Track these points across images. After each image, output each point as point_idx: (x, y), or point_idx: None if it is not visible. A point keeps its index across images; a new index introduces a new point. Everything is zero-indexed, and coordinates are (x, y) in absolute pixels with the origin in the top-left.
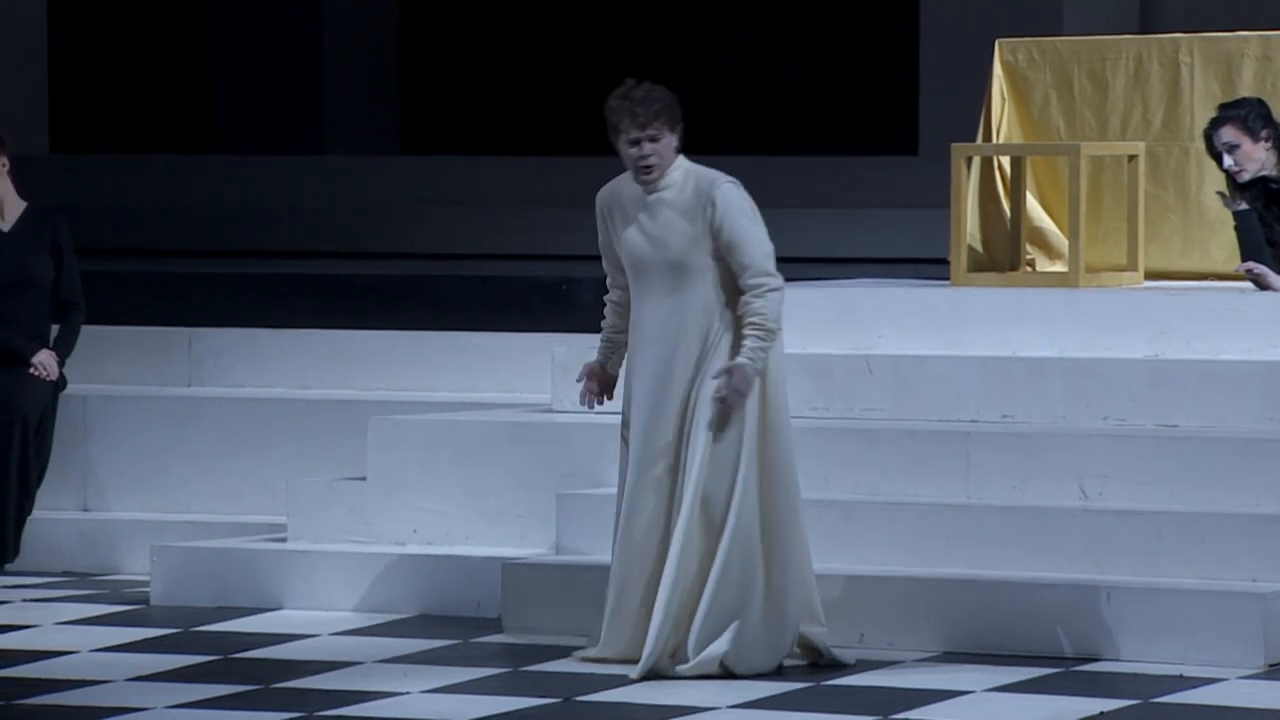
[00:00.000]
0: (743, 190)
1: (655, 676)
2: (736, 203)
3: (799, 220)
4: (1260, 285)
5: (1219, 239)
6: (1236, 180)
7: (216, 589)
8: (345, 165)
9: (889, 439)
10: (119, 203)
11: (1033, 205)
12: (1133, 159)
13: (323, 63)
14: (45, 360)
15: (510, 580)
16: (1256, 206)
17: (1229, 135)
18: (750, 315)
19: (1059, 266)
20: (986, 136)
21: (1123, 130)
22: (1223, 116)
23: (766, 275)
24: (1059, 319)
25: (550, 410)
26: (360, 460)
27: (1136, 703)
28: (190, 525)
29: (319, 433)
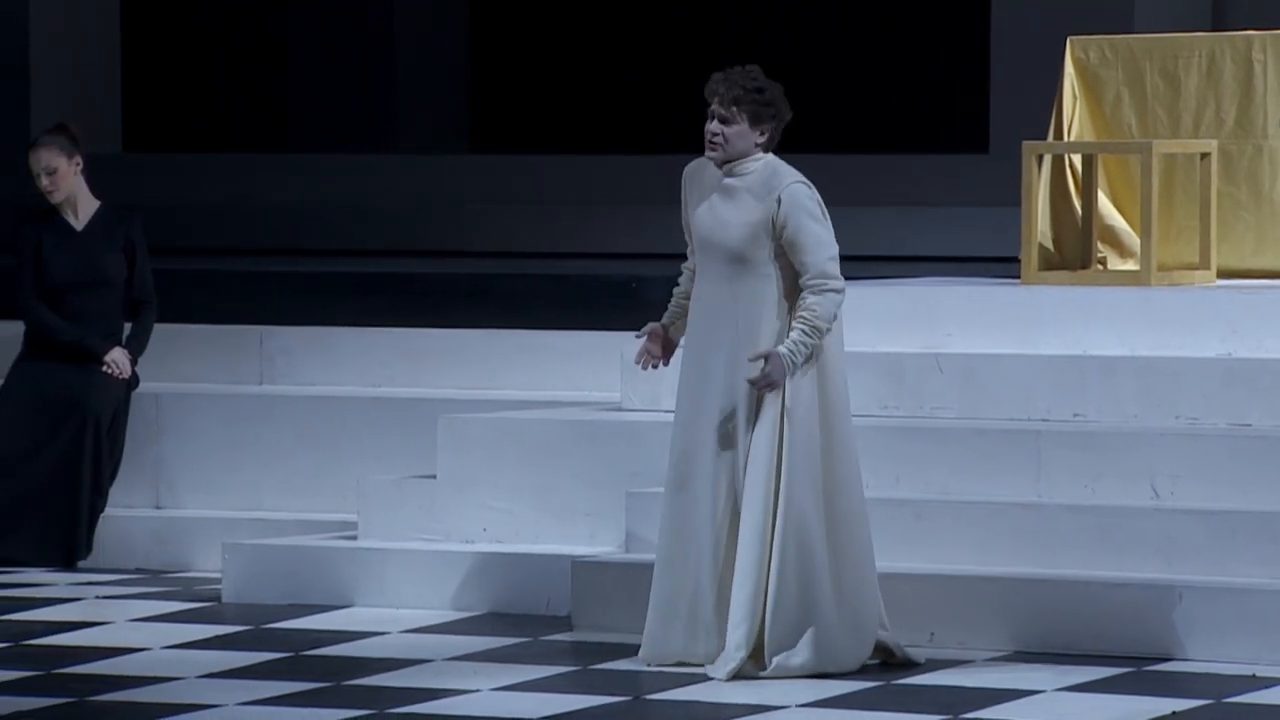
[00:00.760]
0: (813, 191)
1: (739, 677)
2: (803, 202)
3: (870, 218)
4: None
5: None
6: None
7: (287, 586)
8: (416, 164)
9: (960, 438)
10: (191, 202)
11: (1104, 203)
12: (1205, 157)
13: (394, 61)
14: (118, 358)
15: (580, 578)
16: None
17: None
18: (803, 310)
19: (1131, 265)
20: (1058, 135)
21: (1195, 128)
22: None
23: (826, 276)
24: (1131, 318)
25: (619, 409)
26: (430, 458)
27: (1208, 703)
28: (261, 523)
29: (389, 431)
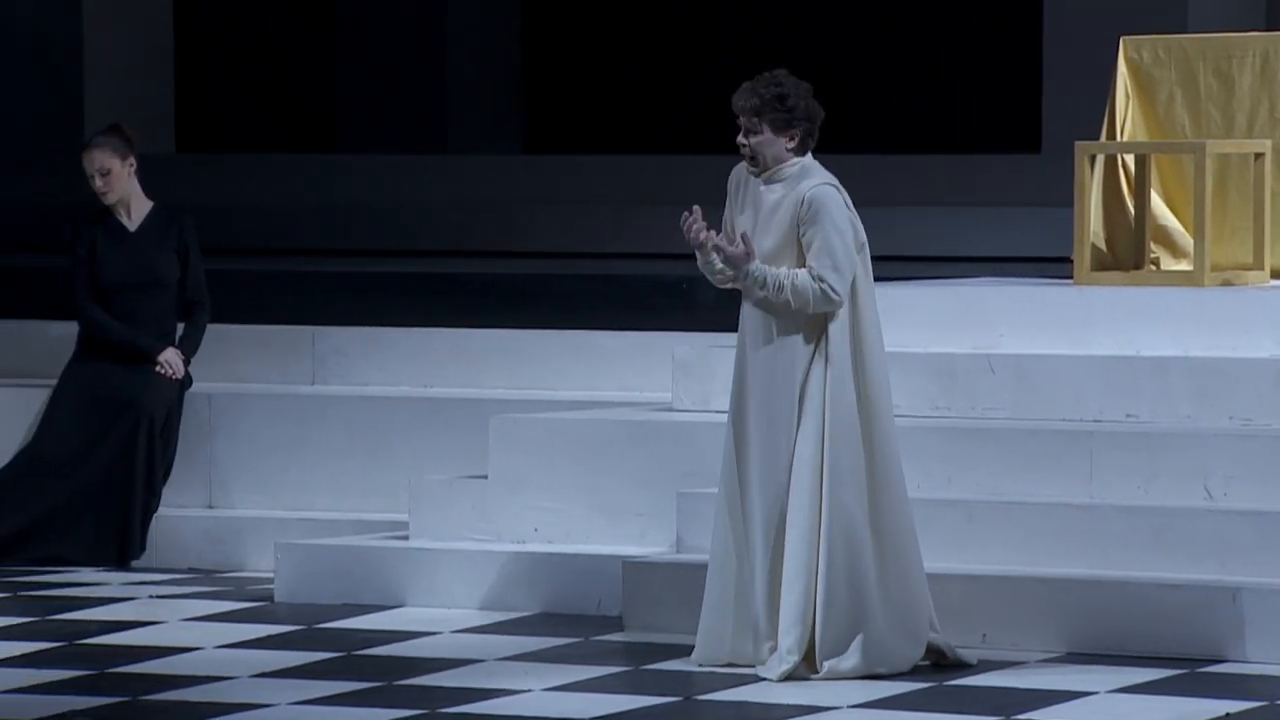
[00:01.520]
0: (841, 194)
1: (791, 679)
2: (825, 205)
3: (922, 219)
4: None
5: None
6: None
7: (340, 586)
8: (468, 164)
9: (1012, 438)
10: (243, 202)
11: (1157, 204)
12: (1259, 157)
13: (446, 62)
14: (171, 359)
15: (631, 579)
16: None
17: None
18: (793, 271)
19: (1184, 265)
20: (1111, 135)
21: (1249, 128)
22: None
23: (824, 279)
24: (1184, 318)
25: (671, 409)
26: (482, 458)
27: (1263, 704)
28: (314, 523)
29: (441, 431)
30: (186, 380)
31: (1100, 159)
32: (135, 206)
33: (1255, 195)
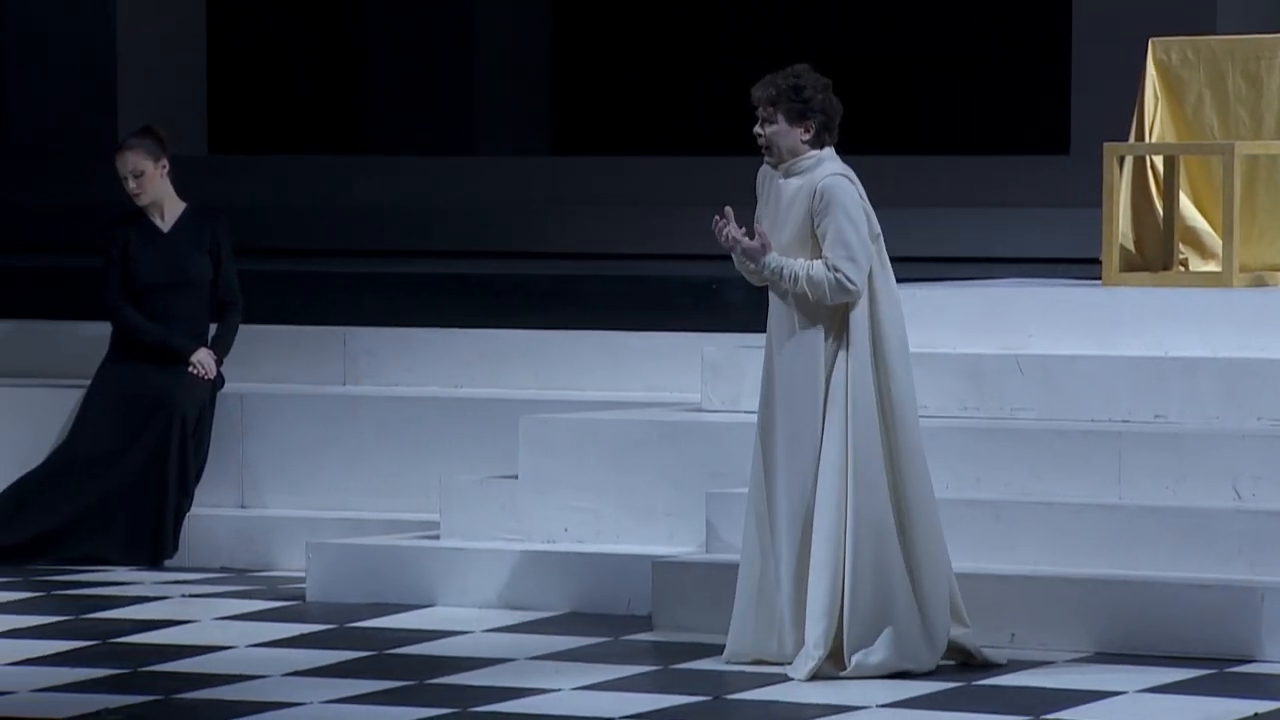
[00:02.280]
0: (854, 185)
1: (819, 677)
2: (837, 195)
3: (951, 220)
4: None
5: None
6: None
7: (371, 585)
8: (496, 165)
9: (1040, 439)
10: (275, 203)
11: (1186, 205)
12: None
13: (474, 64)
14: (203, 359)
15: (661, 578)
16: None
17: None
18: (810, 263)
19: (1212, 266)
20: (1139, 136)
21: (1277, 129)
22: None
23: (839, 269)
24: (1212, 319)
25: (699, 409)
26: (511, 458)
27: None
28: (345, 522)
29: (471, 431)
30: (219, 380)
31: (1129, 160)
32: (168, 207)
33: None
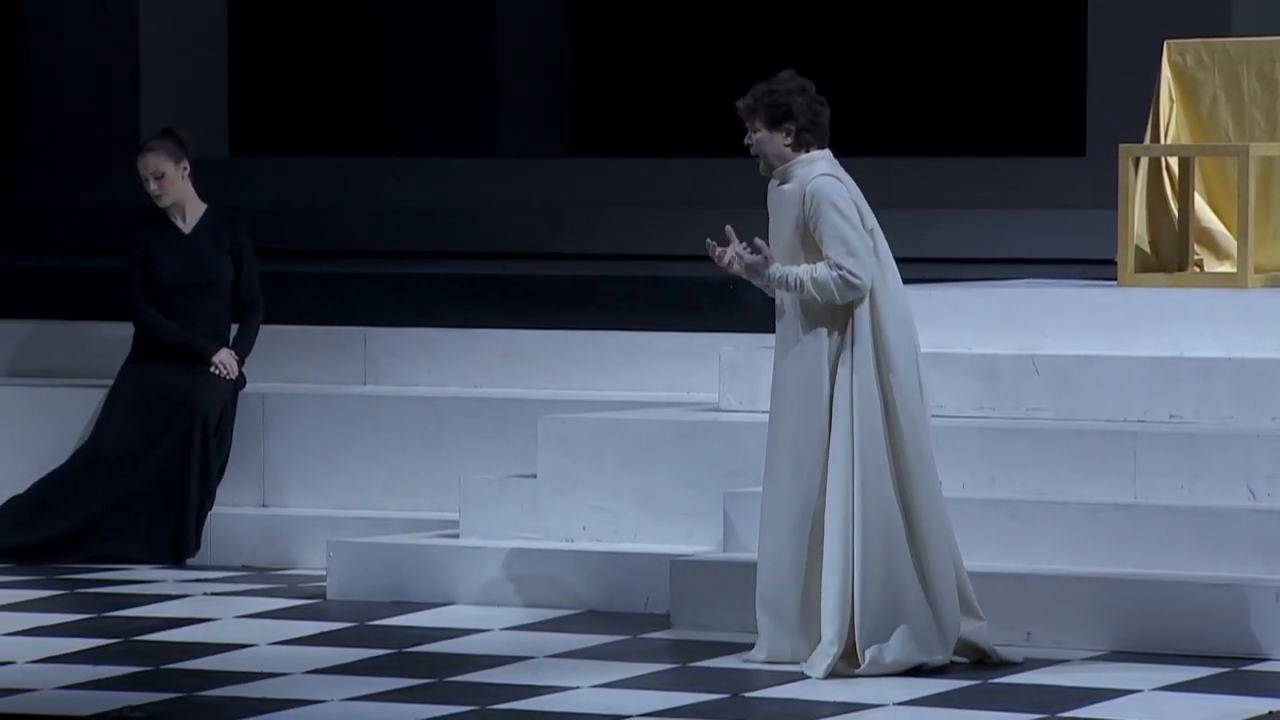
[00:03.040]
0: (842, 185)
1: (835, 675)
2: (826, 195)
3: (967, 221)
4: None
5: None
6: None
7: (391, 584)
8: (516, 167)
9: (1056, 438)
10: (296, 204)
11: (1201, 206)
12: None
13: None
14: (225, 359)
15: (678, 577)
16: None
17: None
18: (813, 267)
19: (1227, 267)
20: (1154, 137)
21: None
22: None
23: (840, 266)
24: (1227, 319)
25: (717, 409)
26: (530, 458)
27: None
28: (365, 521)
29: (490, 431)
30: (240, 380)
31: (1144, 161)
32: (190, 209)
33: None
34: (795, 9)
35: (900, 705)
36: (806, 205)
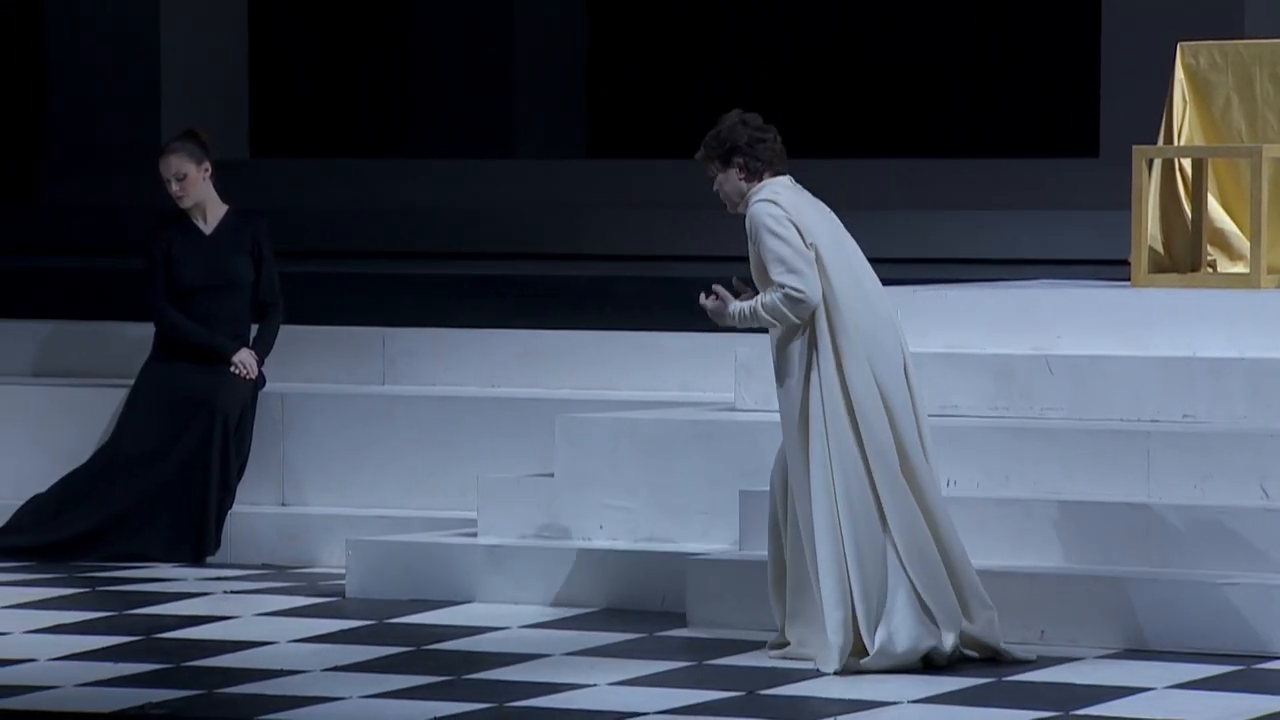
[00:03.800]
0: (773, 205)
1: (848, 671)
2: (759, 220)
3: (981, 221)
4: None
5: None
6: None
7: (409, 582)
8: (533, 168)
9: (1069, 438)
10: (316, 206)
11: (1214, 207)
12: None
13: (512, 67)
14: (245, 359)
15: (695, 576)
16: None
17: None
18: (764, 293)
19: (1240, 268)
20: (1168, 139)
21: None
22: None
23: (783, 285)
24: (1240, 320)
25: (733, 409)
26: (547, 457)
27: None
28: (384, 520)
29: (508, 430)
30: (260, 380)
31: (1158, 163)
32: (211, 210)
33: None
34: (795, 9)
35: (915, 703)
36: (749, 235)
